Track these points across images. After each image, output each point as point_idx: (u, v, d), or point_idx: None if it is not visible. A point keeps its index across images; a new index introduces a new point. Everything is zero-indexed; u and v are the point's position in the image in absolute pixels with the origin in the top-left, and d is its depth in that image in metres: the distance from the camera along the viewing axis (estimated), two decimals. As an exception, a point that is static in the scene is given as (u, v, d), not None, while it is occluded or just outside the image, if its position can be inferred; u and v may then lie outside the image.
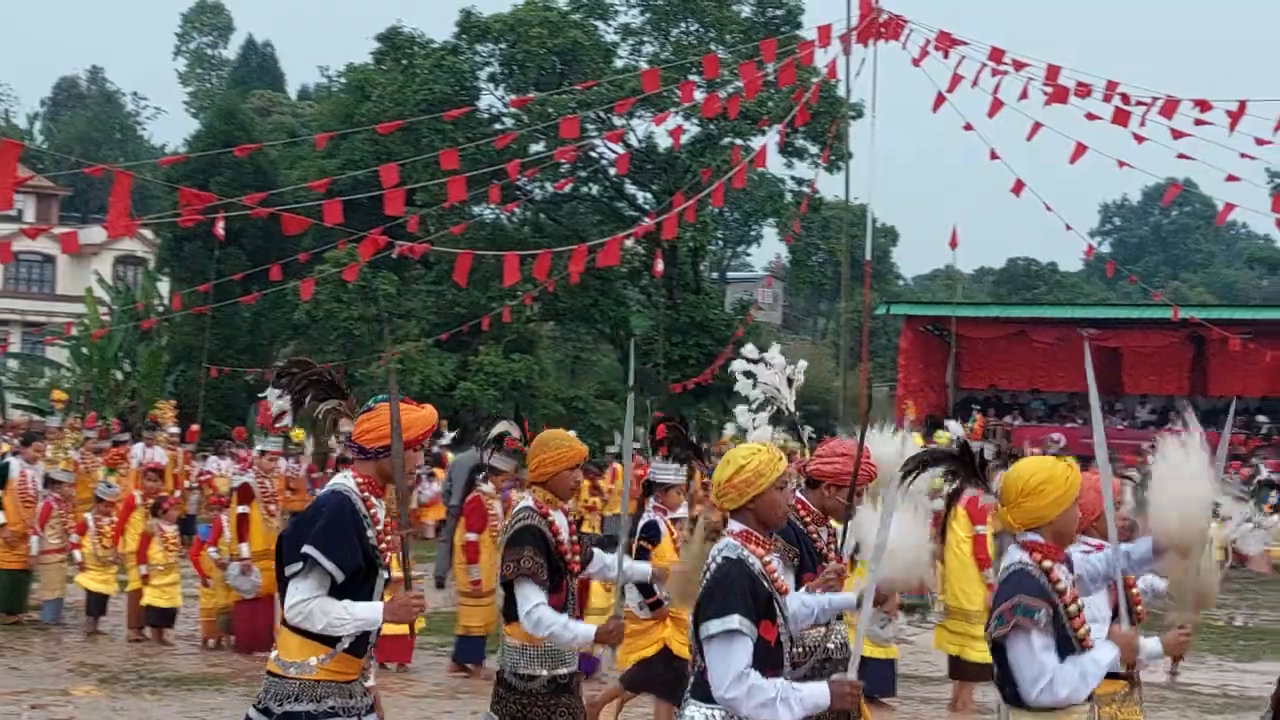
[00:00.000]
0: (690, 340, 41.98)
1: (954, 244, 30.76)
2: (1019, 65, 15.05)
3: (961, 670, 11.87)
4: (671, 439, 8.21)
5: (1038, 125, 15.48)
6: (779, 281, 71.53)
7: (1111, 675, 5.39)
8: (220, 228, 14.99)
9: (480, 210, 40.73)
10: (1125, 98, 13.99)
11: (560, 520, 6.42)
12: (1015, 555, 5.28)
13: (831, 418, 41.46)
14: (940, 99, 17.12)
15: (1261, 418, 36.82)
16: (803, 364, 7.89)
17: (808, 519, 6.72)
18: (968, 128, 17.20)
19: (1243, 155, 15.07)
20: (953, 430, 27.67)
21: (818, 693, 4.82)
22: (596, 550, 6.83)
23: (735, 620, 4.74)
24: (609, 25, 44.04)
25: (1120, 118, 14.26)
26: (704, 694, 4.84)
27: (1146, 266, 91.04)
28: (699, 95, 24.33)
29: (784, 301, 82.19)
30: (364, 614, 5.27)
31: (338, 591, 5.24)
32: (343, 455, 14.33)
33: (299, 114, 65.52)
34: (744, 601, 4.80)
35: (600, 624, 6.16)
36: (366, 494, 5.44)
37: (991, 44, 15.68)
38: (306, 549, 5.18)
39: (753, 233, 75.23)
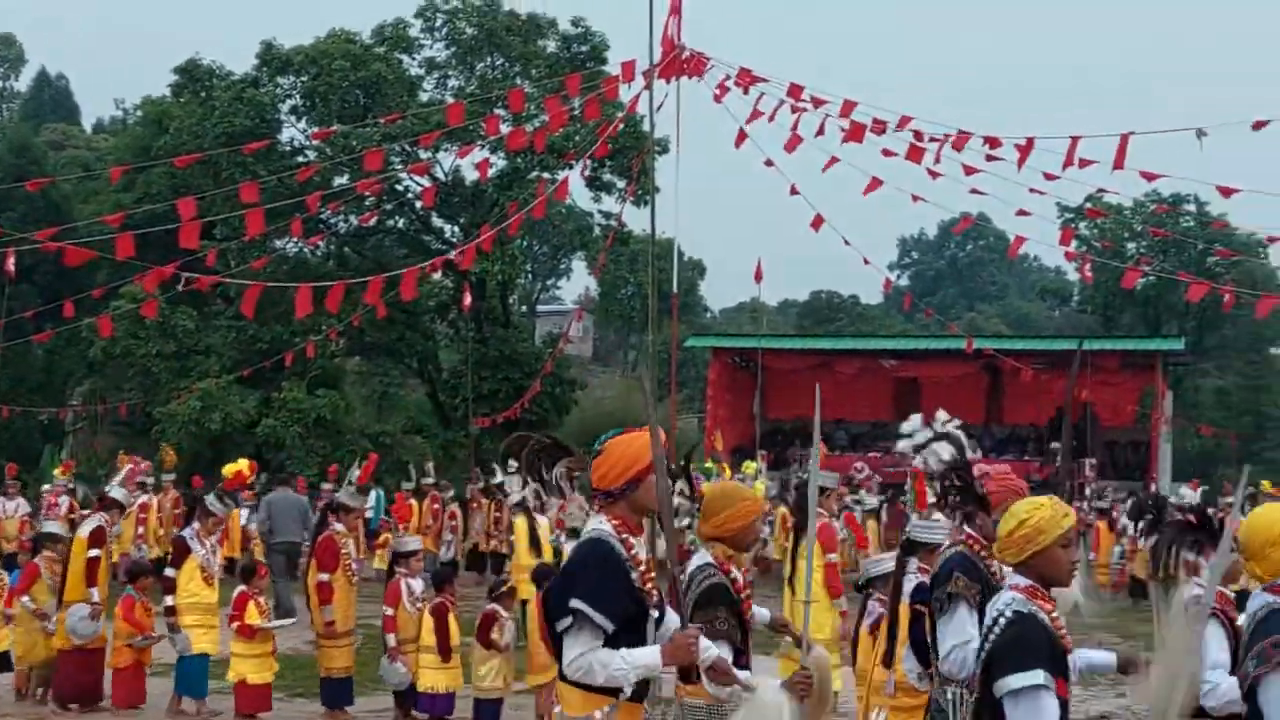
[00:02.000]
0: (499, 374, 41.78)
1: (759, 277, 31.22)
2: (818, 102, 15.35)
3: None
4: (946, 489, 7.28)
5: (834, 159, 15.80)
6: (588, 314, 71.73)
7: None
8: (10, 264, 14.49)
9: (283, 244, 40.05)
10: (919, 134, 14.35)
11: (739, 576, 6.23)
12: (1265, 598, 5.28)
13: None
14: (742, 135, 17.34)
15: (1055, 445, 37.97)
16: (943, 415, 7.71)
17: (982, 551, 6.65)
18: (768, 163, 17.47)
19: (1032, 190, 15.56)
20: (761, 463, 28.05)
21: None
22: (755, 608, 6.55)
23: (1040, 675, 4.71)
24: (413, 59, 43.75)
25: (915, 154, 14.62)
26: None
27: (944, 299, 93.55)
28: (505, 129, 24.27)
29: (594, 334, 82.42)
30: (644, 660, 5.13)
31: (611, 639, 5.11)
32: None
33: (94, 147, 63.66)
34: (1046, 657, 4.77)
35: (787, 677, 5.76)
36: (624, 535, 5.31)
37: (791, 80, 15.97)
38: (575, 604, 5.06)
39: (562, 266, 75.53)
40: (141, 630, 12.96)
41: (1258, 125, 11.60)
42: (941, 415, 7.52)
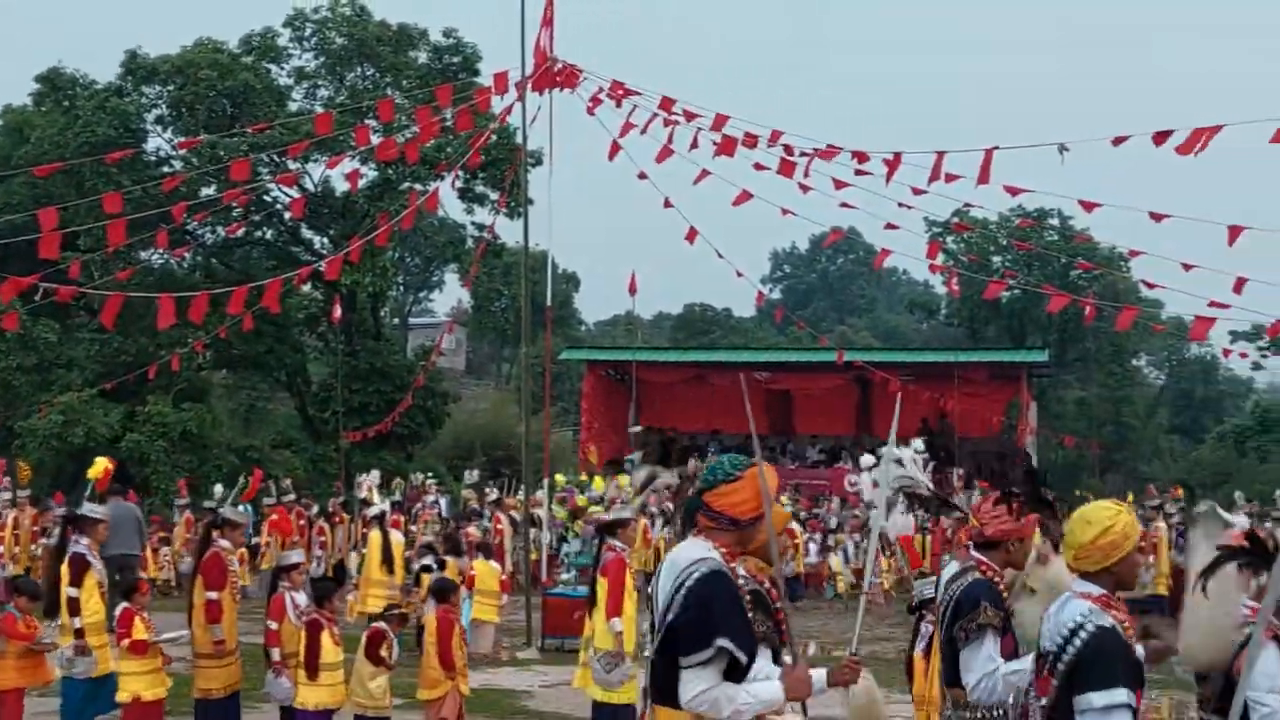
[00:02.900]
0: (370, 387, 41.38)
1: (633, 290, 31.29)
2: (690, 115, 15.38)
3: None
4: (1012, 495, 7.15)
5: (705, 172, 15.82)
6: (462, 327, 71.29)
7: None
8: None
9: (148, 255, 39.30)
10: (789, 148, 14.43)
11: (770, 586, 6.02)
12: None
13: (516, 463, 41.45)
14: (615, 147, 17.35)
15: (924, 455, 38.47)
16: (917, 443, 7.63)
17: (996, 579, 6.62)
18: (642, 176, 17.49)
19: (900, 204, 15.74)
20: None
21: None
22: None
23: (1123, 694, 4.71)
24: (282, 68, 43.21)
25: (786, 168, 14.70)
26: None
27: (815, 312, 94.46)
28: (375, 139, 24.03)
29: (467, 347, 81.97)
30: (767, 694, 5.16)
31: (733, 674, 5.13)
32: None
33: (-49, 156, 61.96)
34: (1127, 673, 4.78)
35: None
36: (733, 565, 5.32)
37: (663, 94, 15.99)
38: (721, 642, 5.04)
39: (434, 278, 75.01)
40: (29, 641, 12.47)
41: (1117, 141, 11.82)
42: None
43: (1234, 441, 56.32)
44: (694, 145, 15.50)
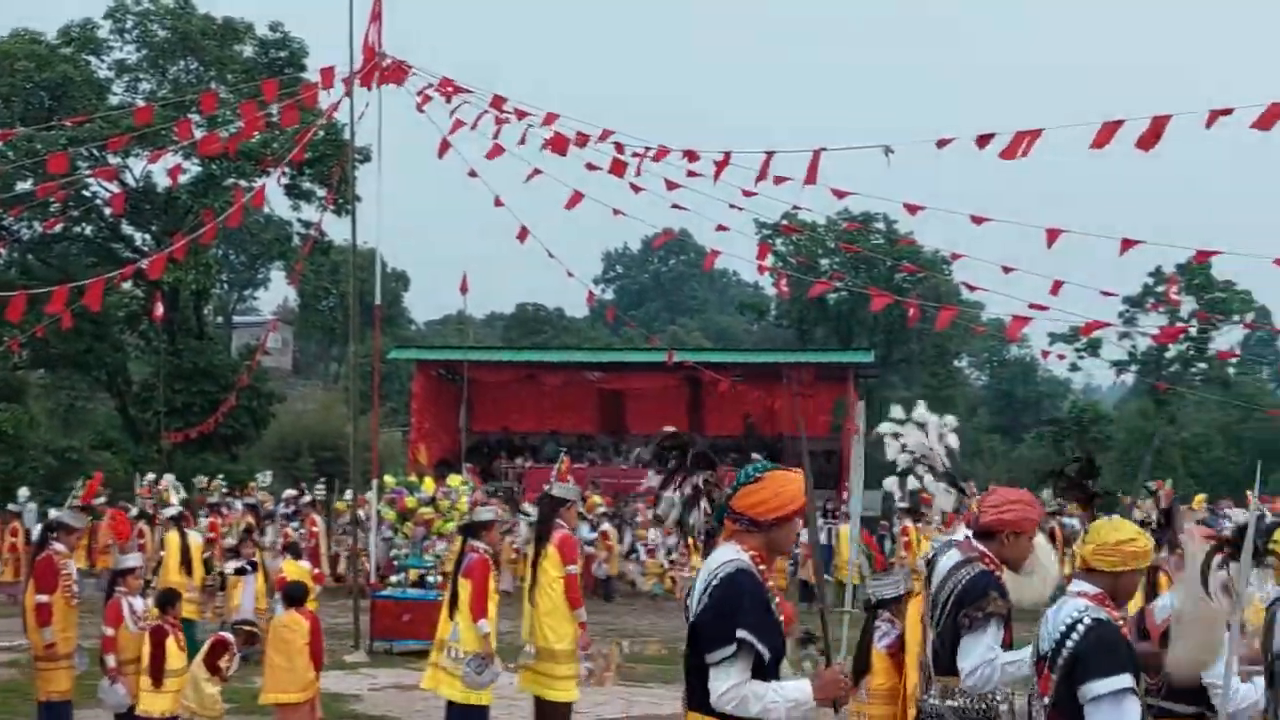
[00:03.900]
0: (194, 387, 40.52)
1: (464, 289, 31.06)
2: (521, 114, 15.27)
3: (543, 712, 11.75)
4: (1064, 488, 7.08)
5: (536, 170, 15.72)
6: (288, 326, 70.15)
7: None
8: None
9: (-40, 251, 37.98)
10: (619, 146, 14.41)
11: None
12: None
13: (344, 463, 40.89)
14: (445, 145, 17.16)
15: (756, 455, 38.82)
16: (950, 419, 7.48)
17: (996, 571, 6.55)
18: (472, 174, 17.34)
19: (732, 206, 15.82)
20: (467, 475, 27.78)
21: None
22: None
23: (1126, 679, 4.90)
24: (102, 61, 42.08)
25: (618, 168, 14.68)
26: None
27: (647, 312, 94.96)
28: (198, 134, 23.49)
29: (294, 346, 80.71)
30: (796, 694, 5.14)
31: (759, 673, 5.11)
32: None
33: None
34: (1128, 659, 4.98)
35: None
36: (761, 567, 5.30)
37: (495, 92, 15.86)
38: (743, 634, 5.02)
39: (260, 276, 73.69)
40: None
41: (941, 143, 12.00)
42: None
43: (1052, 441, 57.96)
44: (522, 142, 15.39)
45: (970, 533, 6.86)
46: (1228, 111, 9.91)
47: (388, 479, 22.05)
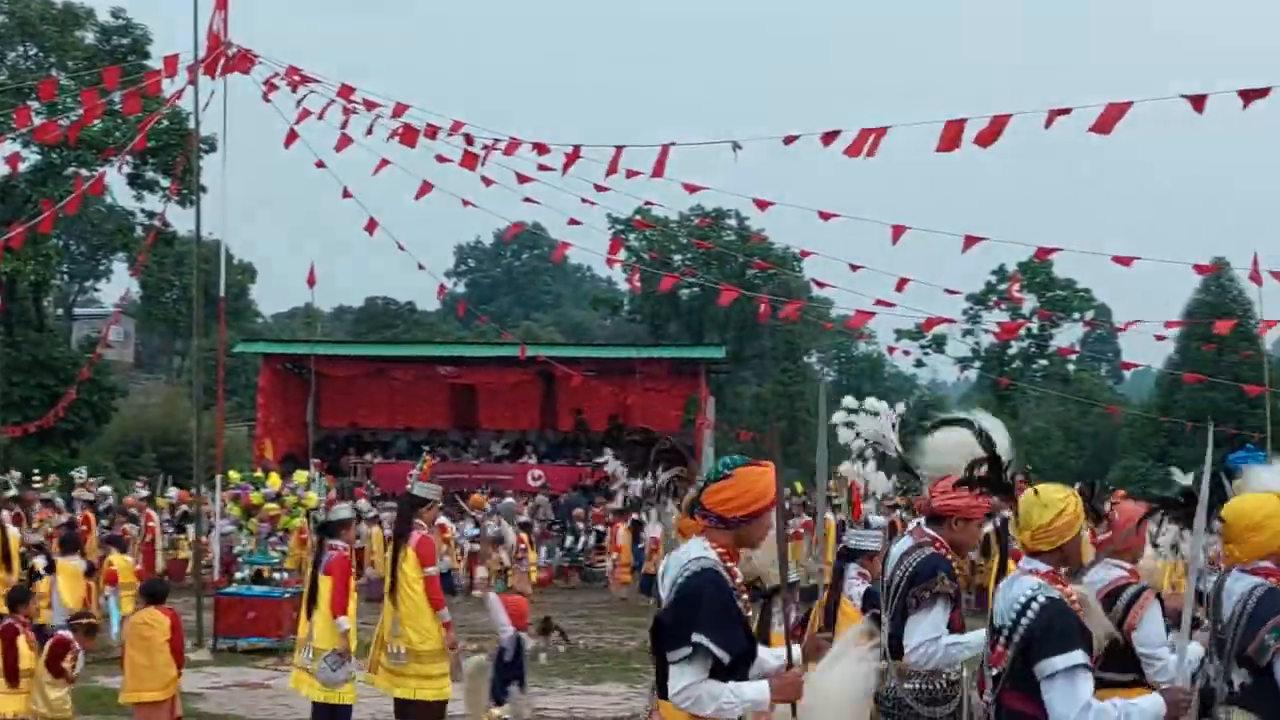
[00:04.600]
0: (32, 380, 39.49)
1: (312, 282, 30.63)
2: (370, 104, 15.10)
3: (412, 712, 11.57)
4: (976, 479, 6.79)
5: (384, 161, 15.56)
6: (130, 318, 68.60)
7: None
8: None
9: None
10: (469, 138, 14.29)
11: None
12: (1252, 580, 5.78)
13: (187, 459, 40.20)
14: (292, 135, 16.90)
15: (609, 449, 38.80)
16: (900, 407, 7.41)
17: (947, 555, 6.63)
18: (320, 165, 17.10)
19: (584, 200, 15.81)
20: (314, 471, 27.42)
21: (1151, 702, 5.16)
22: None
23: (1079, 655, 5.02)
24: (-64, 45, 40.82)
25: (468, 160, 14.57)
26: None
27: (500, 307, 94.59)
28: (37, 121, 22.85)
29: (136, 339, 78.94)
30: (752, 695, 5.17)
31: (720, 672, 5.12)
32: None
33: None
34: (1082, 637, 5.10)
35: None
36: (729, 564, 5.29)
37: (342, 81, 15.66)
38: (697, 638, 5.04)
39: (102, 267, 71.94)
40: None
41: (789, 140, 12.10)
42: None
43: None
44: (369, 132, 15.21)
45: (921, 520, 7.03)
46: (1066, 111, 10.12)
47: (232, 474, 21.66)
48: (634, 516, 29.94)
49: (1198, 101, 9.56)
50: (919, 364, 63.82)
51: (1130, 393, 71.60)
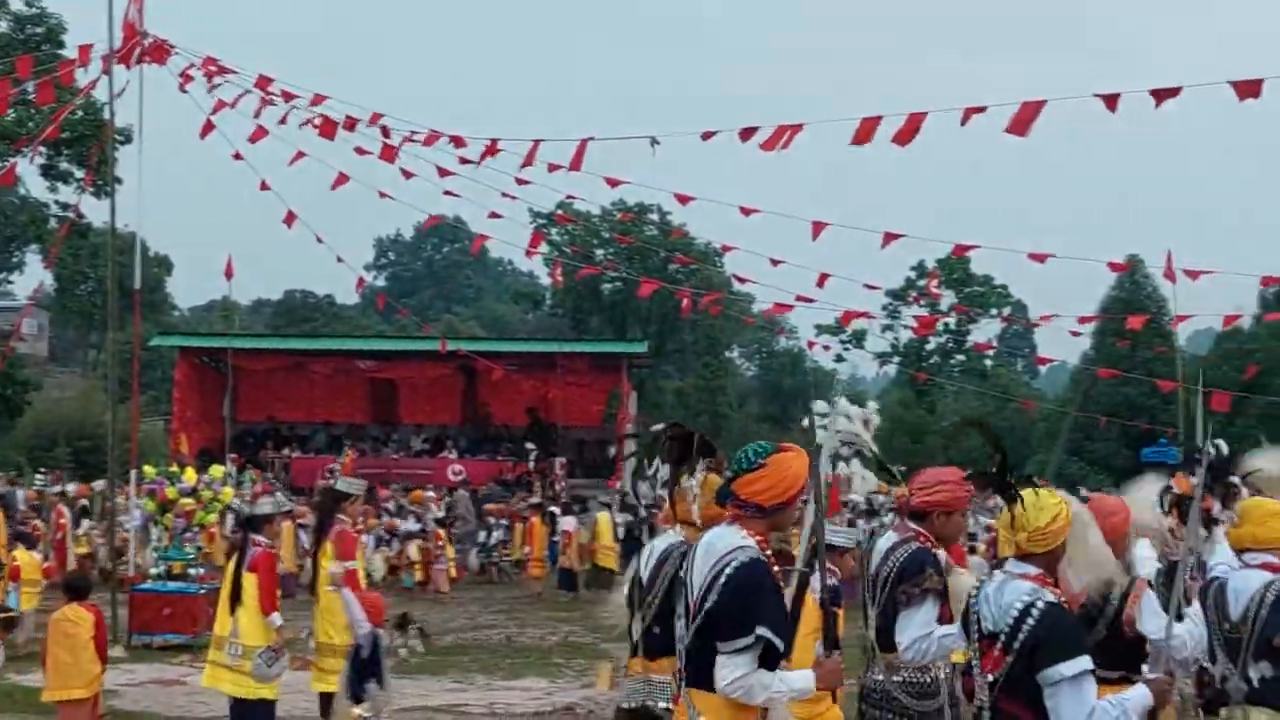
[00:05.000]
0: (-57, 375, 38.77)
1: (229, 274, 30.29)
2: (288, 95, 14.94)
3: (326, 706, 11.46)
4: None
5: (301, 153, 15.42)
6: (44, 311, 67.54)
7: None
8: None
9: None
10: (385, 130, 14.19)
11: None
12: (1263, 576, 5.97)
13: (102, 453, 39.68)
14: (209, 126, 16.71)
15: (530, 445, 38.80)
16: (873, 405, 7.33)
17: (934, 549, 6.65)
18: (237, 156, 16.91)
19: (504, 194, 15.76)
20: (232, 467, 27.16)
21: (1140, 695, 5.20)
22: None
23: (1085, 661, 5.00)
24: None
25: (387, 153, 14.46)
26: None
27: (422, 300, 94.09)
28: (-54, 109, 22.37)
29: (50, 332, 77.77)
30: (800, 683, 5.25)
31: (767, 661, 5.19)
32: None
33: None
34: (1082, 641, 5.11)
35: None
36: (766, 551, 5.31)
37: (260, 72, 15.49)
38: (761, 630, 5.10)
39: (14, 259, 70.78)
40: None
41: (706, 135, 12.12)
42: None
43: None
44: (282, 122, 15.04)
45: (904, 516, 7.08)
46: (981, 110, 10.20)
47: (147, 469, 21.39)
48: (553, 509, 29.96)
49: (1110, 101, 9.68)
50: (839, 359, 64.20)
51: (1046, 388, 72.46)
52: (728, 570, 5.24)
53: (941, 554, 6.82)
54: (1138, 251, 45.74)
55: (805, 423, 6.81)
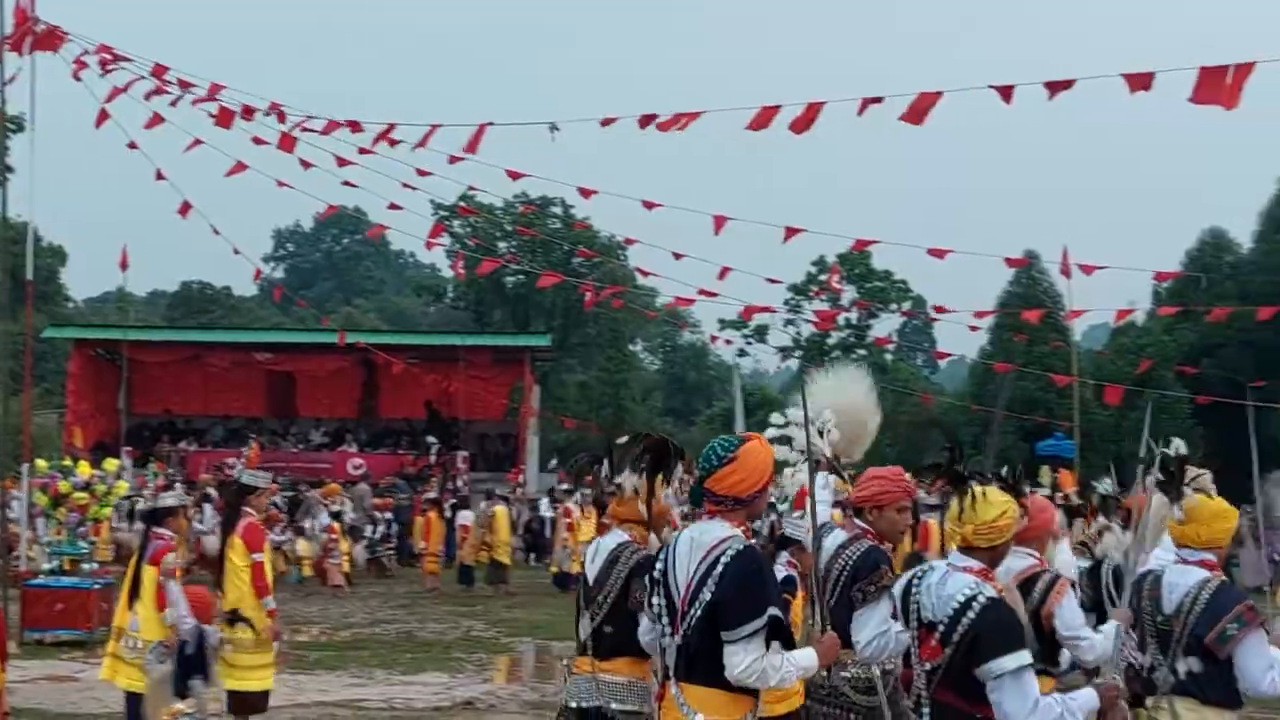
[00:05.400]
0: None
1: (124, 265, 29.86)
2: (184, 84, 14.71)
3: (235, 702, 11.28)
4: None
5: (197, 141, 15.19)
6: (-67, 302, 66.02)
7: None
8: None
9: None
10: (281, 116, 13.98)
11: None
12: (1198, 573, 6.21)
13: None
14: (104, 115, 16.39)
15: (430, 438, 38.68)
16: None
17: (883, 545, 6.77)
18: (132, 146, 16.61)
19: (405, 185, 15.63)
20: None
21: (1087, 696, 5.31)
22: None
23: (1026, 654, 5.11)
24: None
25: (286, 142, 14.28)
26: None
27: (321, 292, 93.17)
28: None
29: (-61, 324, 76.01)
30: (805, 662, 5.41)
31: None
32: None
33: None
34: (1022, 635, 5.21)
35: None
36: (751, 541, 5.42)
37: (155, 60, 15.22)
38: (773, 611, 5.21)
39: (-98, 249, 69.18)
40: None
41: (606, 122, 12.10)
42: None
43: (722, 424, 59.51)
44: (174, 104, 14.76)
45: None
46: (878, 100, 10.27)
47: (40, 463, 21.01)
48: (452, 501, 29.87)
49: (1005, 92, 9.79)
50: (741, 353, 64.48)
51: (945, 382, 73.31)
52: (724, 560, 5.33)
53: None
54: (1034, 247, 46.51)
55: (787, 428, 6.97)
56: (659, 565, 5.63)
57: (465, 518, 27.52)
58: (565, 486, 30.69)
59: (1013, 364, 32.97)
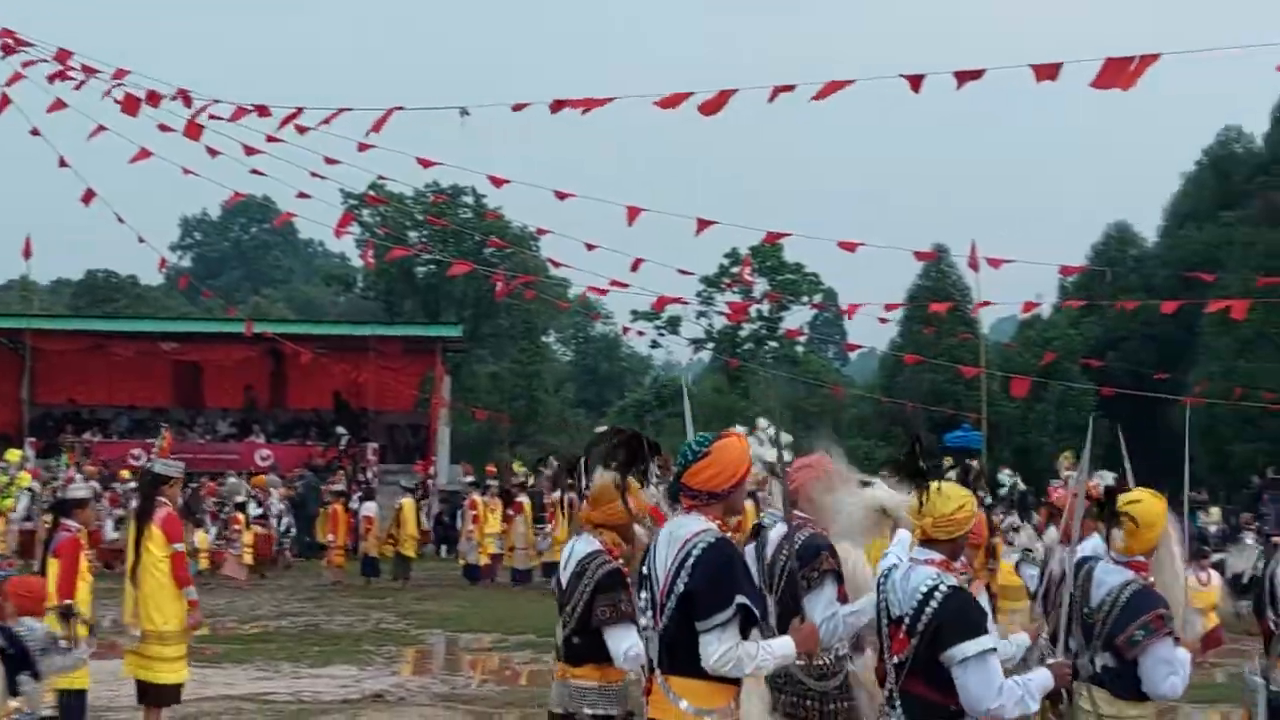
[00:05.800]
0: None
1: (28, 254, 29.35)
2: (88, 70, 14.43)
3: (151, 694, 11.09)
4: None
5: (101, 127, 14.90)
6: None
7: None
8: None
9: None
10: (187, 100, 13.75)
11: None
12: (1124, 574, 6.39)
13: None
14: (4, 100, 16.04)
15: (340, 429, 38.37)
16: (786, 438, 7.24)
17: (823, 532, 6.83)
18: (34, 132, 16.28)
19: (314, 174, 15.44)
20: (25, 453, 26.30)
21: (1044, 676, 5.54)
22: None
23: (988, 640, 5.30)
24: None
25: (193, 130, 14.05)
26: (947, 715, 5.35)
27: (229, 282, 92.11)
28: None
29: None
30: (781, 650, 5.46)
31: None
32: None
33: None
34: (983, 621, 5.36)
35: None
36: (727, 534, 5.50)
37: (60, 45, 14.91)
38: (740, 599, 5.25)
39: None
40: None
41: (518, 107, 12.02)
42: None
43: (634, 415, 59.58)
44: (78, 87, 14.46)
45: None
46: (790, 88, 10.27)
47: (-61, 455, 20.61)
48: (359, 493, 29.69)
49: (914, 81, 9.83)
50: (654, 345, 64.63)
51: (855, 374, 73.86)
52: (695, 552, 5.37)
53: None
54: (943, 240, 46.96)
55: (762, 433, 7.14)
56: (644, 561, 5.72)
57: (369, 509, 27.41)
58: (469, 479, 30.61)
59: (921, 356, 33.28)
